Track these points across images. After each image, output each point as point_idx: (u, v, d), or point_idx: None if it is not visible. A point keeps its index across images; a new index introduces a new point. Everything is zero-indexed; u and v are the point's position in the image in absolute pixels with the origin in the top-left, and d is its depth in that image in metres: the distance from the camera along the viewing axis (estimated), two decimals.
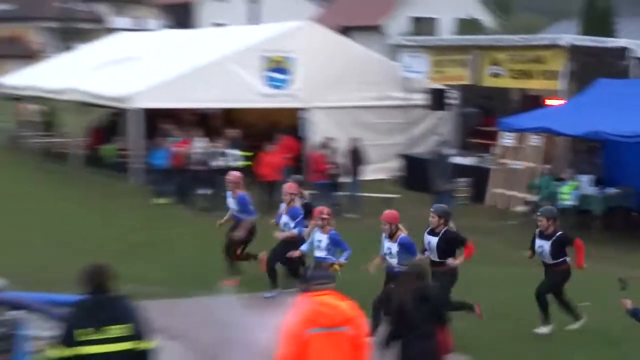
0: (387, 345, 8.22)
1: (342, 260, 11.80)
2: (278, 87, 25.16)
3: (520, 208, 20.91)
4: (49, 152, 29.86)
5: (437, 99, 25.30)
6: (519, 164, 22.06)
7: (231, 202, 13.84)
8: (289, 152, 22.27)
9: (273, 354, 6.80)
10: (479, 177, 22.43)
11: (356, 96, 25.76)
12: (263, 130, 25.40)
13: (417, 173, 23.45)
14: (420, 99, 25.81)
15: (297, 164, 22.66)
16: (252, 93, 24.70)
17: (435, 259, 11.03)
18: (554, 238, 11.36)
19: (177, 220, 19.38)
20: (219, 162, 21.38)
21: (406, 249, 10.77)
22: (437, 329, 8.12)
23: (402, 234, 10.91)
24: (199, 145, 22.42)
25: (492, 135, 23.28)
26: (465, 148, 24.94)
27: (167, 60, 26.72)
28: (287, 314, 7.21)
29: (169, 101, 23.86)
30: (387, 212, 11.19)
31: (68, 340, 6.26)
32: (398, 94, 26.23)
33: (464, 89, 25.73)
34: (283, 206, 13.16)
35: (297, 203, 13.05)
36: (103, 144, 27.71)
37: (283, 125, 25.14)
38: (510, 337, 11.50)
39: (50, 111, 32.92)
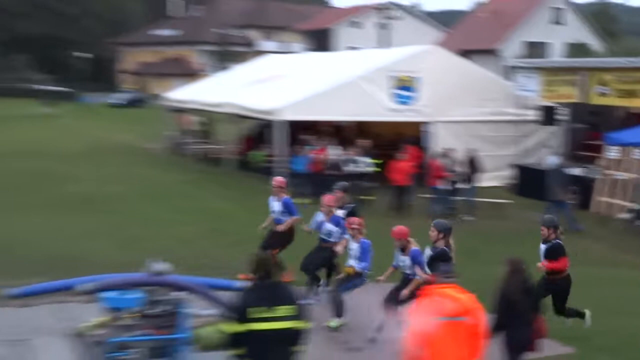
0: (493, 334, 8.14)
1: (357, 266, 10.78)
2: (405, 103, 25.08)
3: (623, 215, 20.23)
4: (206, 156, 30.54)
5: (548, 115, 24.78)
6: (623, 175, 21.38)
7: (275, 206, 13.03)
8: (413, 160, 22.18)
9: (399, 338, 6.78)
10: (585, 186, 21.81)
11: (474, 112, 25.43)
12: (390, 141, 25.40)
13: (528, 181, 23.08)
14: (532, 114, 25.31)
15: (420, 171, 22.56)
16: (381, 108, 24.71)
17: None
18: (549, 244, 10.45)
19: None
20: (351, 168, 21.57)
21: (415, 261, 10.14)
22: (534, 317, 8.15)
23: (414, 247, 10.24)
24: (334, 152, 22.62)
25: (598, 149, 22.66)
26: (573, 160, 24.30)
27: (308, 78, 26.98)
28: (414, 303, 7.19)
29: (309, 114, 24.12)
30: (396, 229, 10.35)
31: (242, 317, 6.39)
32: (512, 110, 25.81)
33: (572, 106, 25.05)
34: (320, 215, 12.18)
35: (335, 213, 12.11)
36: (252, 150, 28.09)
37: (407, 136, 25.03)
38: (613, 331, 11.08)
39: (208, 122, 33.72)
